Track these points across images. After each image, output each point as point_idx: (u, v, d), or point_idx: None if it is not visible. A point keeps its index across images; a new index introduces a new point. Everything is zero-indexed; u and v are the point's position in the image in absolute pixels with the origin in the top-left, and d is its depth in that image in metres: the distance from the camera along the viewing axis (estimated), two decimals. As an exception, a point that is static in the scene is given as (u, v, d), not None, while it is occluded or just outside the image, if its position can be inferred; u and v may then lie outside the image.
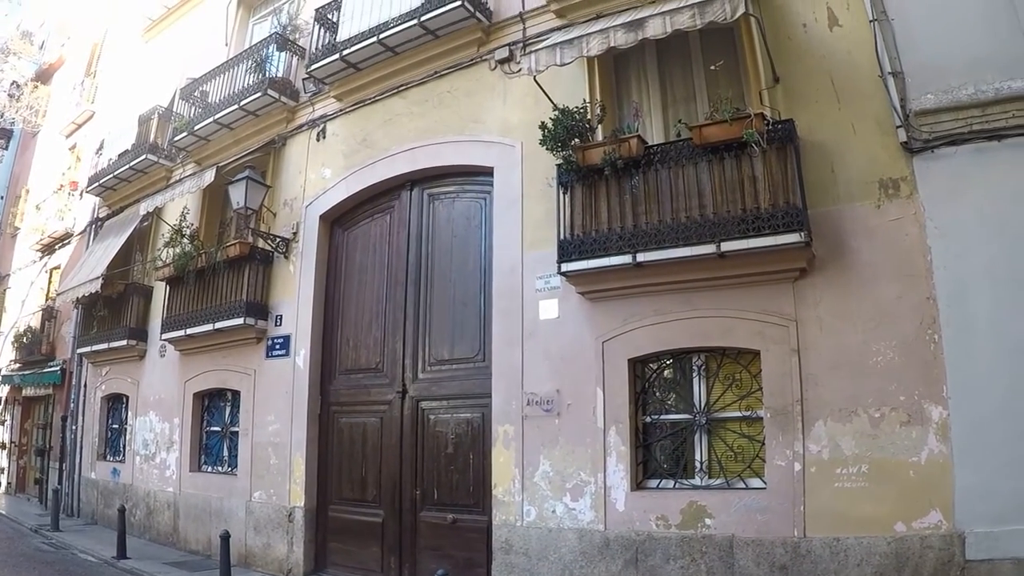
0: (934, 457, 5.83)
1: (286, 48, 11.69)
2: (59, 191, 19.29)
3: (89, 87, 19.45)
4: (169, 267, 11.79)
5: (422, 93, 9.93)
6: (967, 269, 6.03)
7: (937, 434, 5.86)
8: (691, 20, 6.63)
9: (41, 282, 19.71)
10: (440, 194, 9.68)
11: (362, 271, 10.21)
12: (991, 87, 6.26)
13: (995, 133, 6.18)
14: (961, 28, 6.63)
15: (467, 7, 9.05)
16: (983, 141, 6.22)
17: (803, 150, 6.80)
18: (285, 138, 11.62)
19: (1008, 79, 6.22)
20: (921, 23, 6.84)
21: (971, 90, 6.33)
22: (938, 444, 5.84)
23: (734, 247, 6.61)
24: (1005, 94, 6.19)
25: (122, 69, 17.78)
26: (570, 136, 7.58)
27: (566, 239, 7.50)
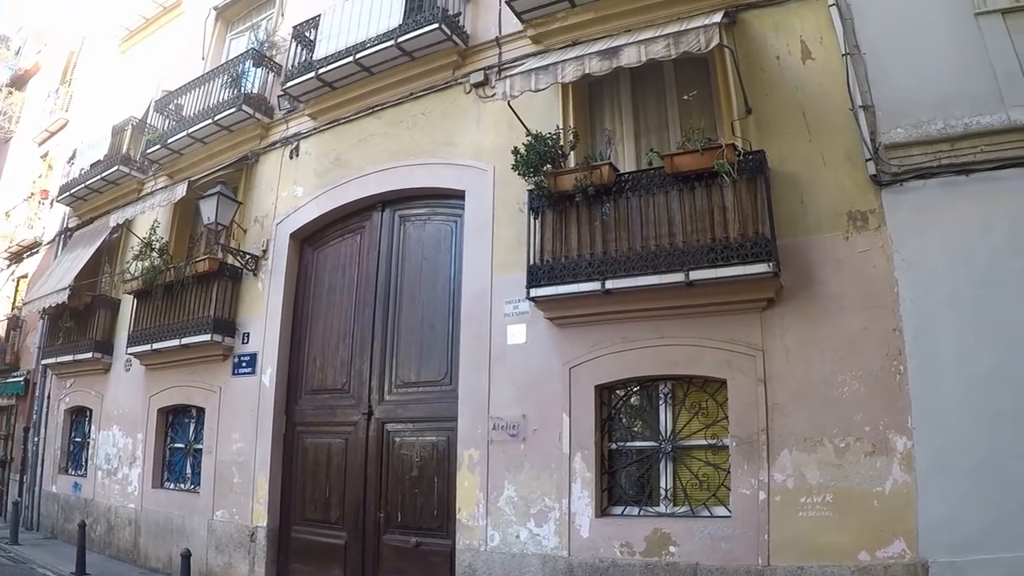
0: (898, 487, 5.87)
1: (262, 64, 11.65)
2: (29, 199, 19.10)
3: (64, 95, 19.30)
4: (137, 280, 11.66)
5: (397, 114, 9.93)
6: (933, 301, 6.10)
7: (901, 464, 5.90)
8: (666, 50, 6.71)
9: (8, 290, 19.43)
10: (411, 216, 9.66)
11: (331, 291, 10.14)
12: (960, 122, 6.36)
13: (963, 168, 6.28)
14: (932, 63, 6.75)
15: (444, 30, 9.09)
16: (951, 175, 6.32)
17: (773, 181, 6.88)
18: (258, 155, 11.56)
19: (977, 114, 6.32)
20: (893, 57, 6.95)
21: (940, 125, 6.43)
22: (902, 474, 5.88)
23: (703, 276, 6.64)
24: (974, 129, 6.29)
25: (98, 78, 17.64)
26: (542, 162, 7.60)
27: (536, 264, 7.50)
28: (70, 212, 15.76)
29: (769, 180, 6.79)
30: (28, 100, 22.96)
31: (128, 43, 16.82)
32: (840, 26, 7.24)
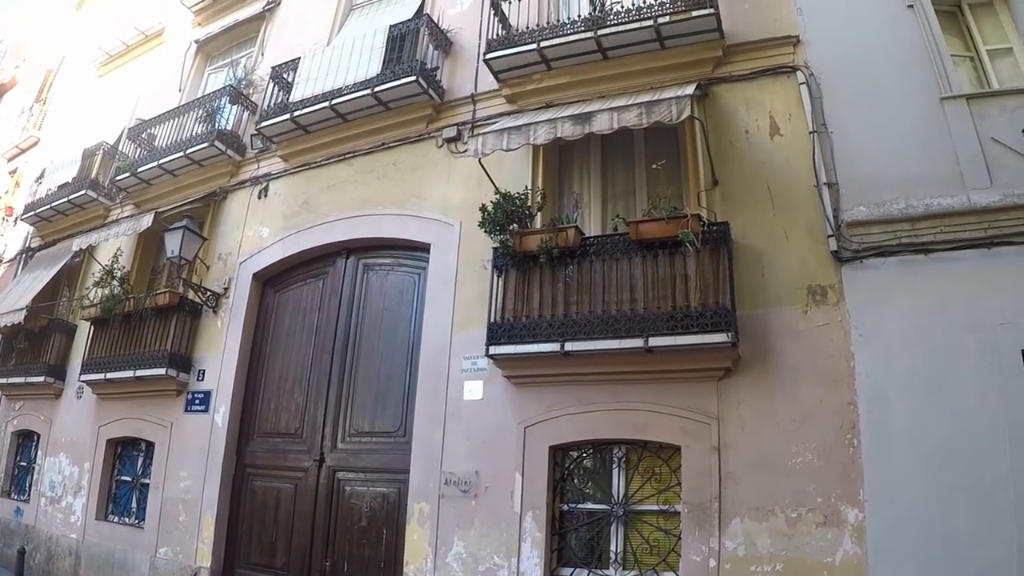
0: (849, 559, 5.90)
1: (238, 102, 11.65)
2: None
3: (38, 113, 19.10)
4: (96, 307, 11.46)
5: (368, 163, 9.97)
6: (888, 376, 6.21)
7: (853, 536, 5.94)
8: (638, 119, 6.84)
9: (-36, 306, 18.99)
10: (375, 265, 9.65)
11: (290, 334, 10.06)
12: (922, 203, 6.57)
13: (923, 247, 6.46)
14: (897, 144, 6.98)
15: (421, 83, 9.20)
16: (910, 254, 6.50)
17: (736, 252, 7.00)
18: (227, 191, 11.51)
19: (939, 196, 6.55)
20: (859, 137, 7.18)
21: (902, 205, 6.65)
22: (853, 546, 5.92)
23: (662, 343, 6.70)
24: (935, 210, 6.50)
25: (73, 99, 17.51)
26: (509, 221, 7.67)
27: (496, 322, 7.50)
28: (34, 232, 15.49)
29: (732, 251, 6.91)
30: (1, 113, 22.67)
31: (106, 67, 16.76)
32: (809, 104, 7.48)
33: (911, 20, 7.55)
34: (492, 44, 8.79)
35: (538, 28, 8.76)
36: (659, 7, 8.07)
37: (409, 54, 9.65)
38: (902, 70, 7.32)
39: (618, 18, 8.25)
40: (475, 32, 9.84)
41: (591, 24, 8.30)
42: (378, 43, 9.73)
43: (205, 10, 14.61)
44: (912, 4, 7.60)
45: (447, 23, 10.30)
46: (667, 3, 8.07)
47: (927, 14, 7.54)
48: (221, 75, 13.67)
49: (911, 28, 7.51)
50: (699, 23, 7.88)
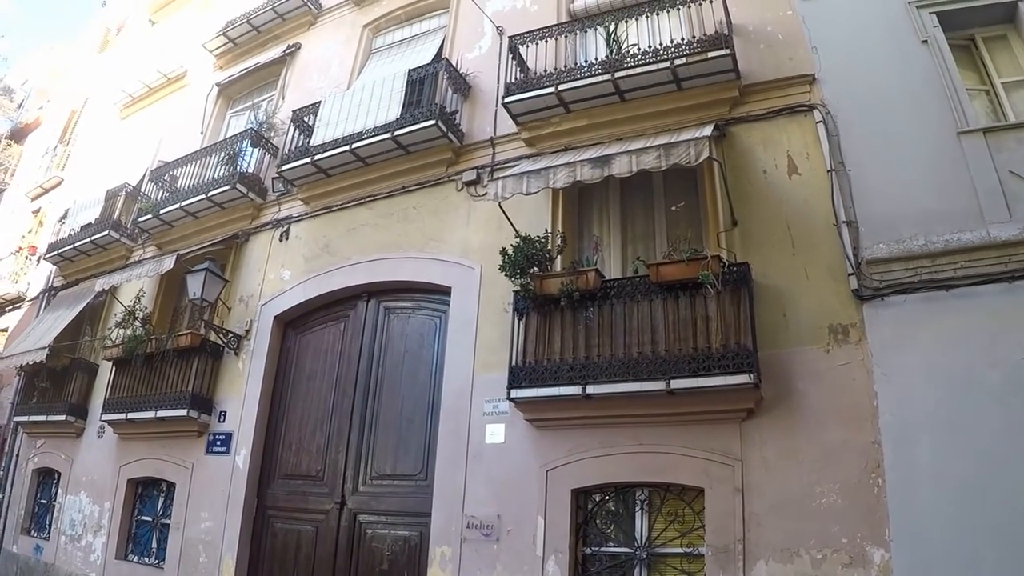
0: (876, 599, 5.79)
1: (259, 145, 11.81)
2: (17, 253, 18.99)
3: (61, 153, 19.42)
4: (118, 348, 11.52)
5: (388, 206, 10.06)
6: (912, 414, 6.14)
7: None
8: (656, 161, 6.84)
9: (-14, 342, 19.21)
10: (396, 308, 9.69)
11: (311, 377, 10.08)
12: (941, 238, 6.54)
13: (943, 283, 6.42)
14: (915, 180, 6.97)
15: (440, 127, 9.31)
16: (931, 290, 6.45)
17: (756, 293, 6.97)
18: (248, 234, 11.63)
19: (958, 231, 6.52)
20: (877, 174, 7.18)
21: (922, 241, 6.62)
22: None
23: (684, 385, 6.66)
24: (954, 246, 6.47)
25: (96, 140, 17.81)
26: (529, 264, 7.68)
27: (518, 366, 7.49)
28: (56, 271, 15.66)
29: (752, 292, 6.88)
30: (26, 154, 23.11)
31: (129, 109, 17.06)
32: (826, 142, 7.50)
33: (926, 55, 7.60)
34: (510, 88, 8.90)
35: (556, 71, 8.88)
36: (676, 49, 8.17)
37: (428, 98, 9.81)
38: (918, 105, 7.34)
39: (635, 60, 8.35)
40: (494, 75, 9.98)
41: (608, 67, 8.39)
42: (398, 87, 9.87)
43: (226, 54, 14.91)
44: (926, 40, 7.66)
45: (466, 67, 10.45)
46: (683, 45, 8.18)
47: (941, 49, 7.60)
48: (242, 118, 13.90)
49: (926, 63, 7.55)
50: (715, 64, 7.95)
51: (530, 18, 10.33)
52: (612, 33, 8.70)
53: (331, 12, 13.65)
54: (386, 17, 12.70)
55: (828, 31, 8.21)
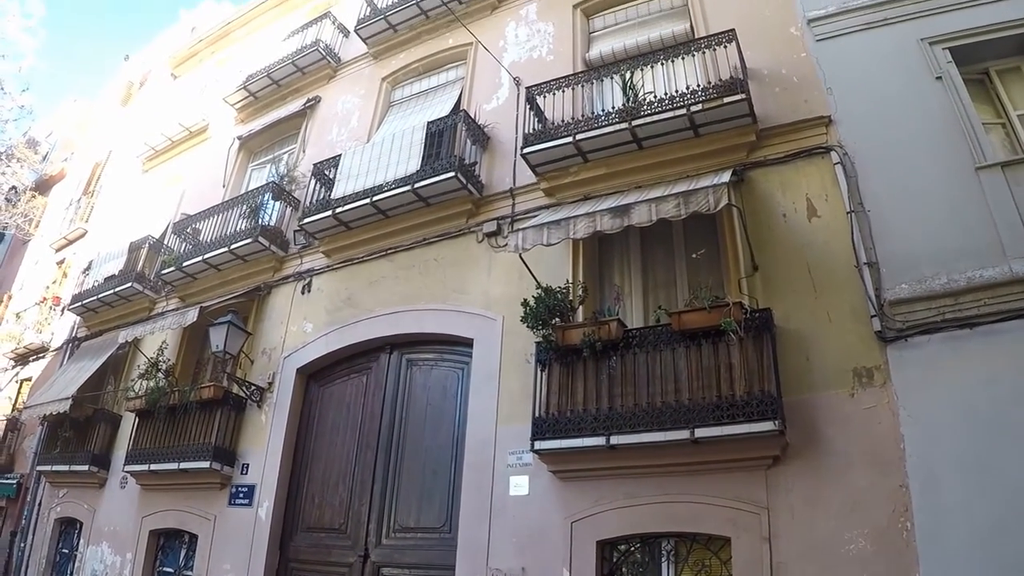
0: (907, 644, 5.68)
1: (281, 198, 11.97)
2: (41, 303, 19.21)
3: (85, 205, 19.75)
4: (141, 399, 11.59)
5: (409, 258, 10.14)
6: (939, 456, 6.05)
7: (910, 621, 5.72)
8: (676, 209, 6.87)
9: (9, 391, 19.35)
10: (419, 360, 9.71)
11: (334, 429, 10.07)
12: (963, 276, 6.50)
13: (967, 321, 6.36)
14: (935, 218, 6.95)
15: (460, 179, 9.41)
16: (955, 329, 6.39)
17: (779, 338, 6.92)
18: (271, 287, 11.73)
19: (980, 268, 6.47)
20: (896, 213, 7.17)
21: (944, 279, 6.58)
22: (911, 632, 5.69)
23: (708, 434, 6.60)
24: (977, 283, 6.42)
25: (120, 193, 18.13)
26: (551, 315, 7.69)
27: (541, 417, 7.46)
28: (80, 322, 15.84)
29: (775, 337, 6.84)
30: (50, 205, 23.45)
31: (152, 162, 17.36)
32: (845, 184, 7.50)
33: (940, 91, 7.62)
34: (528, 138, 8.98)
35: (573, 121, 8.94)
36: (691, 95, 8.22)
37: (448, 150, 9.92)
38: (935, 142, 7.35)
39: (651, 108, 8.40)
40: (512, 126, 10.14)
41: (625, 115, 8.45)
42: (417, 139, 9.98)
43: (247, 107, 15.21)
44: (940, 76, 7.68)
45: (484, 118, 10.59)
46: (699, 91, 8.22)
47: (956, 84, 7.61)
48: (264, 171, 14.13)
49: (941, 99, 7.56)
50: (731, 109, 8.00)
51: (546, 68, 10.49)
52: (628, 81, 8.75)
53: (350, 65, 13.91)
54: (404, 70, 12.93)
55: (842, 72, 8.27)
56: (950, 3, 8.09)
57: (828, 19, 8.69)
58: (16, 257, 24.45)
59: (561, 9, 11.31)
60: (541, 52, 11.00)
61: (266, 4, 17.13)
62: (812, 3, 8.90)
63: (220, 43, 18.33)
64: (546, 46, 11.03)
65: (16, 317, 20.29)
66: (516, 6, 11.94)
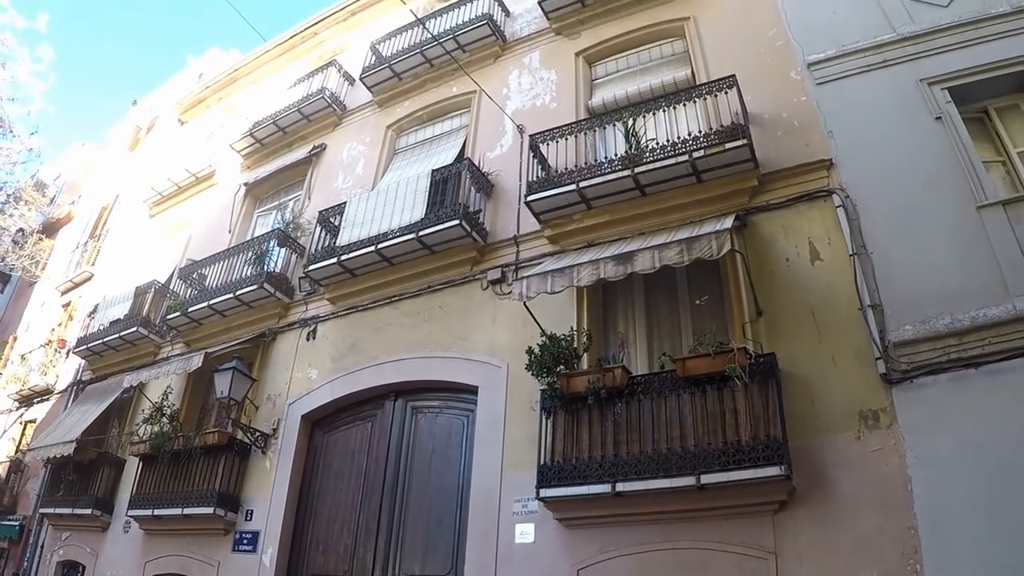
0: None
1: (286, 245, 12.07)
2: (46, 346, 19.25)
3: (92, 249, 19.88)
4: (145, 444, 11.58)
5: (414, 305, 10.19)
6: (948, 498, 6.02)
7: (920, 665, 5.66)
8: (679, 256, 6.92)
9: (13, 433, 19.31)
10: (424, 408, 9.69)
11: (339, 476, 10.02)
12: (967, 316, 6.52)
13: (972, 361, 6.37)
14: (937, 258, 6.99)
15: (464, 227, 9.49)
16: (960, 369, 6.40)
17: (784, 382, 6.92)
18: (276, 333, 11.77)
19: (983, 307, 6.50)
20: (899, 255, 7.21)
21: (948, 320, 6.60)
22: (920, 676, 5.63)
23: (714, 480, 6.57)
24: (981, 322, 6.44)
25: (126, 237, 18.27)
26: (556, 362, 7.70)
27: (546, 464, 7.44)
28: (85, 365, 15.87)
29: (780, 382, 6.84)
30: (57, 248, 23.60)
31: (159, 207, 17.53)
32: (847, 226, 7.56)
33: (940, 132, 7.70)
34: (532, 186, 9.08)
35: (576, 168, 9.04)
36: (693, 141, 8.31)
37: (452, 197, 10.03)
38: (936, 183, 7.42)
39: (654, 155, 8.48)
40: (515, 173, 10.26)
41: (628, 162, 8.54)
42: (421, 187, 10.10)
43: (254, 154, 15.40)
44: (940, 116, 7.78)
45: (488, 166, 10.72)
46: (701, 137, 8.32)
47: (955, 124, 7.70)
48: (269, 217, 14.26)
49: (941, 140, 7.65)
50: (733, 155, 8.08)
51: (549, 115, 10.63)
52: (630, 128, 8.86)
53: (355, 113, 14.09)
54: (409, 118, 13.10)
55: (843, 114, 8.37)
56: (948, 44, 8.24)
57: (827, 62, 8.84)
58: (22, 299, 24.55)
59: (564, 57, 11.51)
60: (544, 99, 11.16)
61: (272, 52, 17.42)
62: (811, 47, 9.06)
63: (227, 89, 18.64)
64: (549, 93, 11.20)
65: (21, 359, 20.28)
66: (519, 54, 12.17)
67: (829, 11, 9.33)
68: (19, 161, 18.45)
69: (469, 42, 12.46)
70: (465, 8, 12.89)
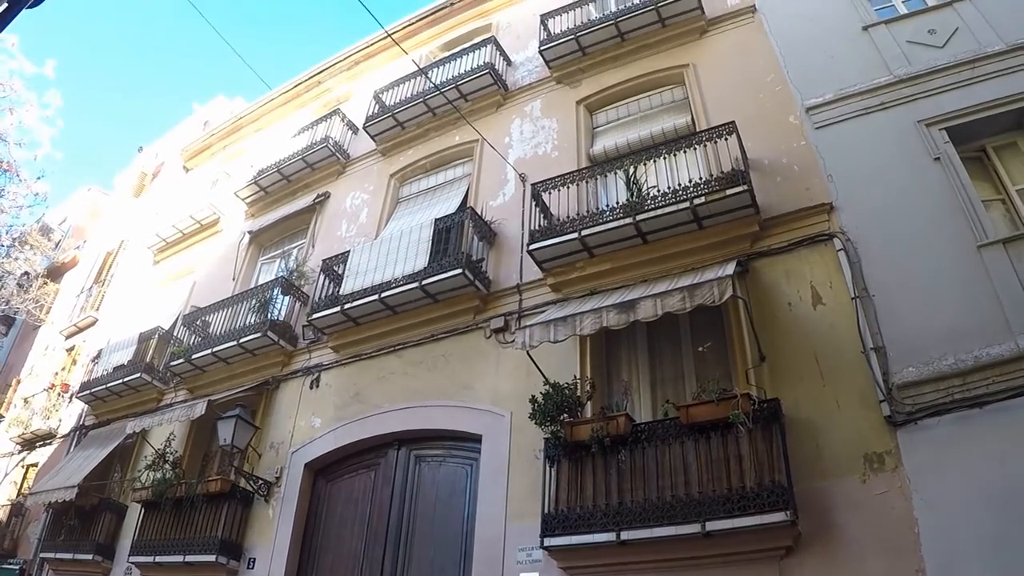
0: None
1: (290, 293, 12.13)
2: (50, 389, 19.22)
3: (96, 294, 19.95)
4: (147, 490, 11.53)
5: (418, 354, 10.21)
6: (955, 539, 5.98)
7: None
8: (681, 303, 6.96)
9: (15, 476, 19.21)
10: (427, 456, 9.67)
11: (342, 525, 9.94)
12: (970, 355, 6.54)
13: (976, 400, 6.37)
14: (939, 299, 7.03)
15: (467, 275, 9.56)
16: (965, 409, 6.40)
17: (789, 427, 6.91)
18: (279, 381, 11.77)
19: (987, 346, 6.53)
20: (901, 297, 7.24)
21: (951, 360, 6.62)
22: None
23: (719, 527, 6.55)
24: (984, 361, 6.46)
25: (131, 282, 18.36)
26: (559, 411, 7.71)
27: (550, 513, 7.42)
28: (88, 410, 15.84)
29: (784, 427, 6.83)
30: (61, 292, 23.66)
31: (163, 253, 17.64)
32: (848, 270, 7.61)
33: (939, 172, 7.79)
34: (535, 235, 9.15)
35: (578, 216, 9.12)
36: (694, 188, 8.39)
37: (455, 246, 10.10)
38: (936, 223, 7.48)
39: (655, 202, 8.57)
40: (518, 222, 10.36)
41: (629, 210, 8.63)
42: (425, 236, 10.20)
43: (258, 202, 15.54)
44: (938, 156, 7.87)
45: (490, 214, 10.82)
46: (701, 184, 8.39)
47: (954, 164, 7.79)
48: (274, 265, 14.37)
49: (940, 180, 7.73)
50: (734, 201, 8.17)
51: (551, 164, 10.77)
52: (632, 176, 8.96)
53: (359, 161, 14.25)
54: (412, 166, 13.25)
55: (842, 158, 8.47)
56: (944, 84, 8.37)
57: (826, 106, 8.96)
58: (26, 342, 24.54)
59: (565, 105, 11.68)
60: (546, 148, 11.30)
61: (277, 100, 17.67)
62: (809, 91, 9.19)
63: (231, 137, 18.89)
64: (551, 142, 11.34)
65: (24, 402, 20.27)
66: (521, 103, 12.36)
67: (826, 55, 9.49)
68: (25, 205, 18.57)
69: (471, 91, 12.67)
70: (467, 57, 13.11)
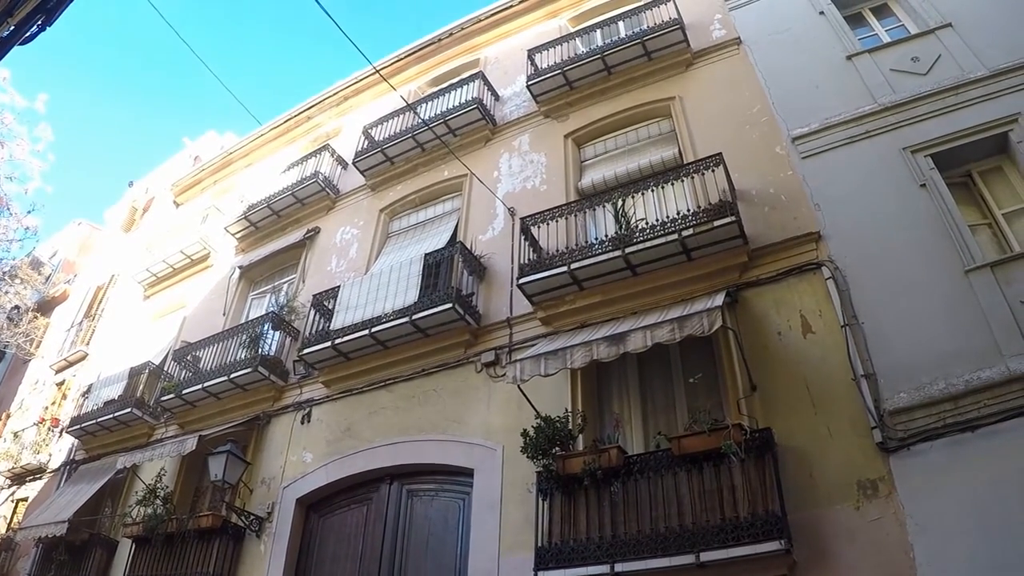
0: None
1: (280, 328, 12.13)
2: (40, 424, 19.09)
3: (87, 328, 19.87)
4: (138, 526, 11.41)
5: (409, 388, 10.21)
6: (950, 563, 5.99)
7: None
8: (670, 334, 7.00)
9: (5, 511, 18.99)
10: (419, 491, 9.63)
11: (334, 560, 9.86)
12: (961, 379, 6.58)
13: (968, 424, 6.41)
14: (929, 324, 7.09)
15: (457, 310, 9.58)
16: (957, 433, 6.43)
17: (781, 456, 6.94)
18: (270, 416, 11.73)
19: (977, 370, 6.57)
20: (890, 323, 7.30)
21: (942, 384, 6.66)
22: None
23: (713, 557, 6.54)
24: (975, 384, 6.50)
25: (121, 317, 18.30)
26: (551, 444, 7.73)
27: (544, 547, 7.41)
28: (78, 444, 15.73)
29: (777, 456, 6.86)
30: (52, 326, 23.56)
31: (154, 288, 17.58)
32: (837, 298, 7.67)
33: (925, 198, 7.88)
34: (524, 268, 9.19)
35: (568, 250, 9.17)
36: (683, 220, 8.46)
37: (445, 281, 10.17)
38: (924, 249, 7.57)
39: (644, 234, 8.62)
40: (507, 256, 10.38)
41: (618, 243, 8.69)
42: (414, 271, 10.24)
43: (248, 237, 15.57)
44: (924, 183, 7.97)
45: (480, 248, 10.88)
46: (690, 215, 8.47)
47: (940, 190, 7.88)
48: (264, 300, 14.36)
49: (927, 206, 7.82)
50: (722, 232, 8.24)
51: (540, 197, 10.87)
52: (620, 209, 9.03)
53: (348, 197, 14.31)
54: (401, 201, 13.32)
55: (829, 187, 8.56)
56: (929, 111, 8.49)
57: (812, 136, 9.07)
58: (16, 376, 24.36)
59: (553, 139, 11.79)
60: (535, 182, 11.40)
61: (267, 135, 17.77)
62: (795, 121, 9.30)
63: (222, 172, 18.98)
64: (539, 176, 11.44)
65: (14, 436, 20.07)
66: (509, 137, 12.47)
67: (811, 85, 9.62)
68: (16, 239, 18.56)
69: (460, 126, 12.77)
70: (455, 92, 13.25)
